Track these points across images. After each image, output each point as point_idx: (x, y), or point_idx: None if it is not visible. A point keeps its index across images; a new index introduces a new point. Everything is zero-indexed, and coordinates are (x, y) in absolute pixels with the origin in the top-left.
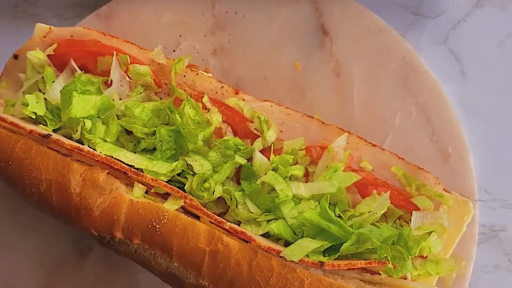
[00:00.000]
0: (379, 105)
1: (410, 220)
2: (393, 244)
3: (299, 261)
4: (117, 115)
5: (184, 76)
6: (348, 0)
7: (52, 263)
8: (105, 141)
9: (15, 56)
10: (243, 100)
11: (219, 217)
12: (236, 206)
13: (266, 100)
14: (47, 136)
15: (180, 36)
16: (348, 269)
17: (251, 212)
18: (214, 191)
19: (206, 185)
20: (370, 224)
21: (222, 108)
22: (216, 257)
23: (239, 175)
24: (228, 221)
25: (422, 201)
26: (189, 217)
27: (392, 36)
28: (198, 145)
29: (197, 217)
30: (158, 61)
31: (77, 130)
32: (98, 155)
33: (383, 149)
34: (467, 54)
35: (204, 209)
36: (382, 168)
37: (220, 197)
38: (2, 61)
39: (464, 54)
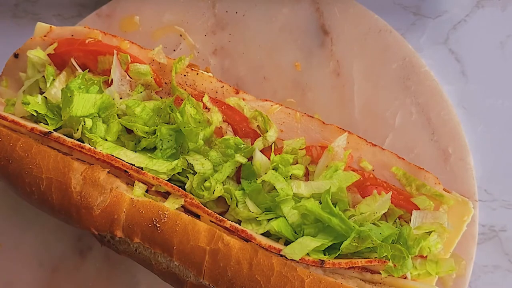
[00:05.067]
0: (380, 105)
1: (410, 220)
2: (393, 243)
3: (300, 259)
4: (117, 114)
5: (185, 75)
6: (348, 0)
7: (52, 262)
8: (106, 140)
9: (16, 55)
10: (243, 99)
11: (219, 216)
12: (237, 205)
13: (266, 100)
14: (48, 133)
15: (181, 35)
16: (348, 268)
17: (251, 211)
18: (214, 190)
19: (207, 184)
20: (371, 223)
21: (223, 107)
22: (217, 256)
23: (240, 174)
24: (229, 220)
25: (422, 201)
26: (189, 216)
27: (393, 36)
28: (199, 144)
29: (198, 216)
30: (159, 60)
31: (77, 129)
32: (99, 152)
33: (383, 149)
34: (468, 55)
35: (205, 208)
36: (382, 168)
37: (221, 196)
38: (3, 60)
39: (464, 54)
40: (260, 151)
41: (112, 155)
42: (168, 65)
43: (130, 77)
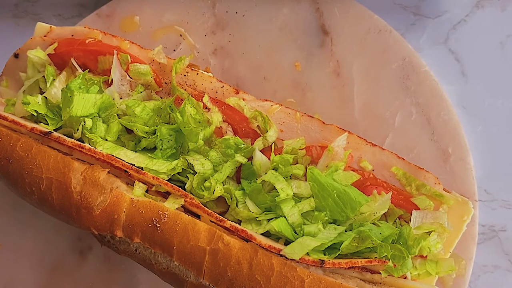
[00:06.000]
0: (379, 105)
1: (410, 220)
2: (393, 243)
3: (300, 259)
4: (117, 114)
5: (185, 75)
6: (348, 0)
7: (52, 262)
8: (106, 140)
9: (16, 55)
10: (243, 99)
11: (219, 216)
12: (237, 205)
13: (266, 100)
14: (48, 133)
15: (181, 35)
16: (348, 268)
17: (251, 211)
18: (214, 190)
19: (207, 184)
20: (371, 223)
21: (223, 107)
22: (217, 256)
23: (240, 174)
24: (229, 220)
25: (422, 201)
26: (189, 216)
27: (393, 36)
28: (199, 144)
29: (198, 216)
30: (159, 60)
31: (77, 129)
32: (100, 152)
33: (383, 149)
34: (467, 55)
35: (205, 208)
36: (382, 168)
37: (221, 196)
38: (3, 60)
39: (464, 54)
40: (260, 151)
41: (112, 155)
42: (168, 65)
43: (130, 77)
